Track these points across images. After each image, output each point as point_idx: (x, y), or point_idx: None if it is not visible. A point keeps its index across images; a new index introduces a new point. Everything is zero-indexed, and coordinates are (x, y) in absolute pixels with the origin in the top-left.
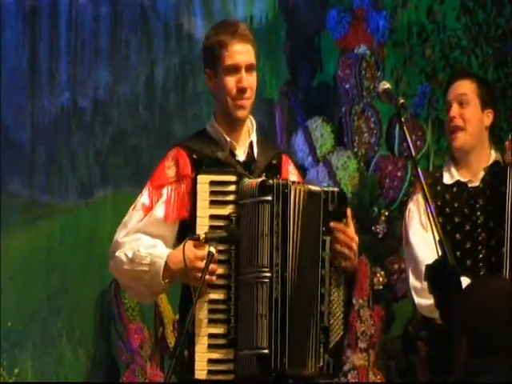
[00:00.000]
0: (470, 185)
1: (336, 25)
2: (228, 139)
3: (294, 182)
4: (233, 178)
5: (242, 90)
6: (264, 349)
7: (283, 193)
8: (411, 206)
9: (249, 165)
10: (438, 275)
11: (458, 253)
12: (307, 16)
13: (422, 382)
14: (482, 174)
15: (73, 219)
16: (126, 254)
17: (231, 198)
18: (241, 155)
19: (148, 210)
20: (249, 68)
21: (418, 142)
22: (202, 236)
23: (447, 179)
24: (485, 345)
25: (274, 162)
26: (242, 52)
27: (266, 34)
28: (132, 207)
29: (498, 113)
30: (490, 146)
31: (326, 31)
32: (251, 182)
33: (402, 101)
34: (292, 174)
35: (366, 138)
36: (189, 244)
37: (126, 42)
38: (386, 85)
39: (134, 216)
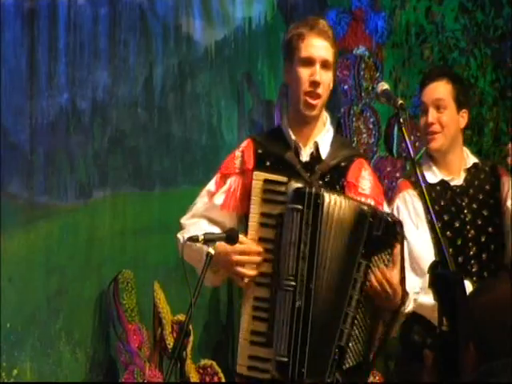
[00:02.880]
0: (452, 183)
1: (335, 26)
2: (293, 137)
3: (333, 193)
4: (284, 179)
5: (314, 84)
6: (284, 356)
7: (315, 203)
8: (398, 204)
9: (312, 165)
10: (442, 282)
11: (451, 250)
12: (306, 17)
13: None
14: (463, 174)
15: (72, 220)
16: (183, 237)
17: (281, 198)
18: (305, 155)
19: (212, 195)
20: (324, 64)
21: (417, 143)
22: (201, 237)
23: (431, 178)
24: (494, 349)
25: (343, 164)
26: (318, 46)
27: (265, 34)
28: (200, 193)
29: (470, 110)
30: (463, 145)
31: None
32: (293, 186)
33: (400, 101)
34: (365, 179)
35: (365, 138)
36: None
37: (124, 44)
38: (384, 85)
39: (198, 201)
